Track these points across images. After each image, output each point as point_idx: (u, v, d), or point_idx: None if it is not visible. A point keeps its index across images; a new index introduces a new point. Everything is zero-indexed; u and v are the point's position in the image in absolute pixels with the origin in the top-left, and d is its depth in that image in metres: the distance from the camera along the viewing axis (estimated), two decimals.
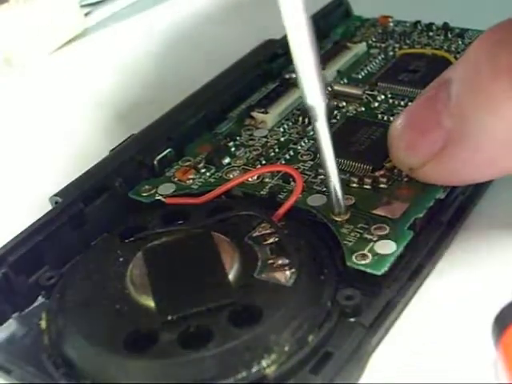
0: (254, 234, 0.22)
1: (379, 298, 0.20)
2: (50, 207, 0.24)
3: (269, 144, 0.27)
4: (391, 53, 0.31)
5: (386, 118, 0.27)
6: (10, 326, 0.22)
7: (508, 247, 0.22)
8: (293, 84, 0.30)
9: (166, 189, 0.25)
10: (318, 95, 0.20)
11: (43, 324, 0.21)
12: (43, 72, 0.37)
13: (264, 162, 0.26)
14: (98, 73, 0.36)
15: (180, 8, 0.41)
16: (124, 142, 0.27)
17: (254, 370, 0.18)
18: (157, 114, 0.28)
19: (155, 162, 0.26)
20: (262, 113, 0.28)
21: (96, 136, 0.31)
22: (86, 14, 0.40)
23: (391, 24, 0.33)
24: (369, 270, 0.20)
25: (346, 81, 0.30)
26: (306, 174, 0.25)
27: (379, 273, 0.20)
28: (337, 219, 0.22)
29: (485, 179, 0.23)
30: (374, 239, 0.21)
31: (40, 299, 0.23)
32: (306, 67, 0.20)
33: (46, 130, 0.32)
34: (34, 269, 0.23)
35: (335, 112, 0.28)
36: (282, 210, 0.22)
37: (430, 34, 0.32)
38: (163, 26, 0.39)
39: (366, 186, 0.24)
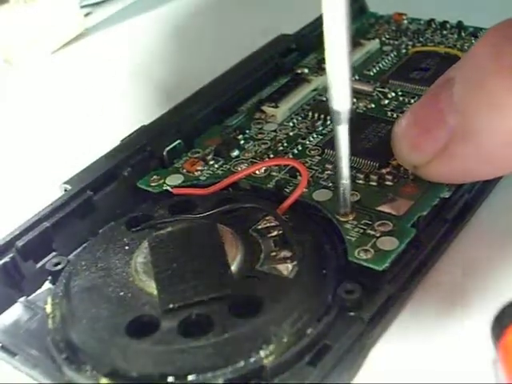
0: (259, 227, 0.22)
1: (380, 293, 0.20)
2: (59, 194, 0.24)
3: (278, 138, 0.27)
4: (404, 50, 0.31)
5: (395, 115, 0.27)
6: (17, 310, 0.22)
7: (510, 247, 0.22)
8: (304, 79, 0.30)
9: (174, 179, 0.25)
10: (346, 100, 0.20)
11: (48, 308, 0.21)
12: (44, 72, 0.37)
13: (272, 155, 0.26)
14: (98, 73, 0.36)
15: (183, 5, 0.41)
16: (134, 132, 0.27)
17: (253, 359, 0.19)
18: (158, 113, 0.28)
19: (164, 153, 0.26)
20: (273, 107, 0.28)
21: (106, 128, 0.31)
22: (86, 15, 0.40)
23: (405, 21, 0.33)
24: (370, 265, 0.20)
25: (357, 77, 0.30)
26: (313, 169, 0.25)
27: (380, 268, 0.20)
28: (342, 219, 0.22)
29: (487, 177, 0.23)
30: (377, 235, 0.21)
31: (46, 284, 0.23)
32: (339, 71, 0.19)
33: (55, 123, 0.32)
34: (42, 254, 0.23)
35: None
36: (286, 204, 0.23)
37: (444, 32, 0.32)
38: (164, 26, 0.39)
39: (371, 183, 0.24)
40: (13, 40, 0.37)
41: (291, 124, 0.28)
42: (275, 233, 0.22)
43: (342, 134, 0.21)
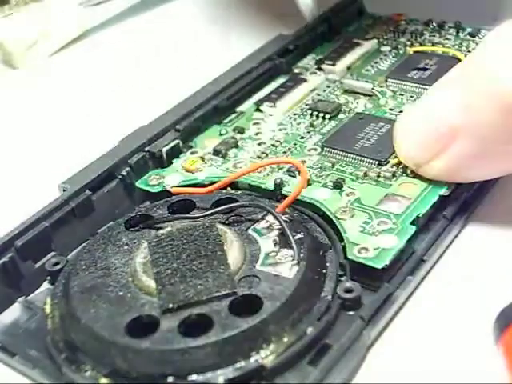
0: (258, 226, 0.22)
1: (379, 292, 0.20)
2: (58, 194, 0.24)
3: (276, 138, 0.27)
4: (402, 51, 0.31)
5: (393, 114, 0.27)
6: (15, 310, 0.22)
7: (509, 245, 0.22)
8: (302, 79, 0.30)
9: (173, 179, 0.25)
10: None
11: (47, 309, 0.21)
12: (44, 73, 0.37)
13: (271, 155, 0.26)
14: (98, 73, 0.36)
15: (182, 6, 0.41)
16: (133, 132, 0.27)
17: (253, 359, 0.19)
18: (157, 114, 0.28)
19: (163, 153, 0.26)
20: (271, 107, 0.28)
21: (105, 129, 0.31)
22: (86, 16, 0.40)
23: (403, 22, 0.33)
24: (369, 264, 0.20)
25: (355, 77, 0.30)
26: (312, 168, 0.25)
27: (380, 266, 0.20)
28: (341, 217, 0.22)
29: (491, 176, 0.23)
30: (376, 233, 0.21)
31: (45, 285, 0.23)
32: None
33: (55, 123, 0.32)
34: (41, 254, 0.23)
35: (344, 107, 0.28)
36: (285, 203, 0.22)
37: (442, 32, 0.32)
38: (163, 26, 0.39)
39: (370, 181, 0.24)
40: (13, 41, 0.37)
41: (290, 123, 0.28)
42: (274, 232, 0.22)
43: None
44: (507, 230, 0.23)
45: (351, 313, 0.20)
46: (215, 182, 0.24)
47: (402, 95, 0.28)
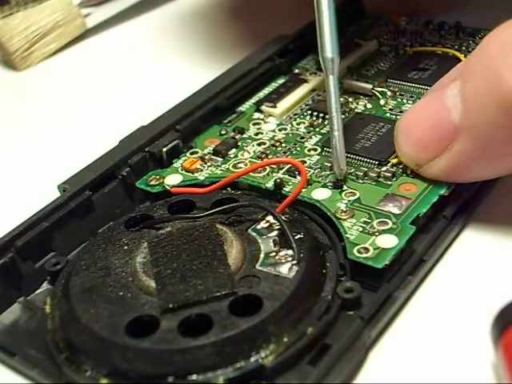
0: (258, 226, 0.22)
1: (379, 292, 0.20)
2: (58, 195, 0.24)
3: (276, 138, 0.27)
4: (402, 51, 0.31)
5: (393, 114, 0.27)
6: (15, 310, 0.22)
7: (510, 246, 0.22)
8: (302, 79, 0.30)
9: (173, 179, 0.25)
10: (335, 48, 0.24)
11: (47, 309, 0.21)
12: (44, 73, 0.37)
13: (271, 155, 0.26)
14: (98, 73, 0.36)
15: (182, 6, 0.41)
16: (133, 133, 0.27)
17: (253, 359, 0.19)
18: (157, 114, 0.28)
19: (163, 153, 0.26)
20: (271, 107, 0.28)
21: (105, 129, 0.31)
22: (86, 16, 0.40)
23: (403, 22, 0.33)
24: (369, 263, 0.20)
25: (355, 77, 0.30)
26: (312, 168, 0.25)
27: (380, 266, 0.20)
28: (341, 217, 0.22)
29: (492, 176, 0.23)
30: (376, 233, 0.21)
31: (45, 285, 0.23)
32: (329, 23, 0.24)
33: (55, 123, 0.32)
34: (41, 254, 0.23)
35: (344, 107, 0.28)
36: (285, 203, 0.22)
37: (442, 32, 0.32)
38: (163, 26, 0.39)
39: (370, 181, 0.24)
40: (13, 41, 0.37)
41: (289, 124, 0.28)
42: (274, 232, 0.22)
43: (333, 84, 0.24)
44: (507, 229, 0.23)
45: (351, 313, 0.20)
46: (215, 182, 0.24)
47: (402, 95, 0.28)
